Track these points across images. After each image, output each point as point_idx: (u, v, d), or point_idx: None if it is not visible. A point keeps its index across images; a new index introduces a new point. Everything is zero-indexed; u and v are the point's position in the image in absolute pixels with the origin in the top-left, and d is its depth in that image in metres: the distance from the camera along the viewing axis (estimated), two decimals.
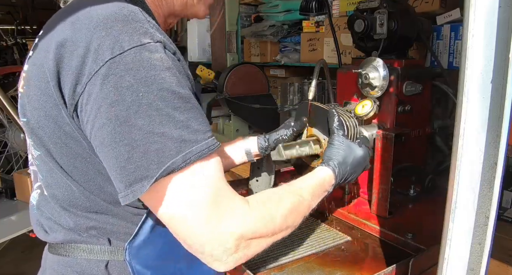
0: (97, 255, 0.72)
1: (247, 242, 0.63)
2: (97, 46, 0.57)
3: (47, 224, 0.76)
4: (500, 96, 0.53)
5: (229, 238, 0.61)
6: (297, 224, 0.75)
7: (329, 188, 0.86)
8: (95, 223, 0.71)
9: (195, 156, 0.59)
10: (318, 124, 1.03)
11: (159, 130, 0.57)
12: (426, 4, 1.56)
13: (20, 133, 2.91)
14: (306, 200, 0.77)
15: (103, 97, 0.57)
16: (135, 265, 0.71)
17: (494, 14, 0.53)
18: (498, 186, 0.55)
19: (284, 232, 0.72)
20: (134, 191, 0.58)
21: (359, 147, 0.92)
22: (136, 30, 0.59)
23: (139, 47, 0.58)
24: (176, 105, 0.59)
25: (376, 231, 1.08)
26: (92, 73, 0.57)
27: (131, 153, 0.57)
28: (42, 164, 0.72)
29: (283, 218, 0.70)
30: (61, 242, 0.74)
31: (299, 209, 0.75)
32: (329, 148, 0.92)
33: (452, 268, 0.62)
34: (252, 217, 0.65)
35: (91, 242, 0.72)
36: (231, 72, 2.33)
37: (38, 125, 0.67)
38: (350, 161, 0.89)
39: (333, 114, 0.95)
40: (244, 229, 0.63)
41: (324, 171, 0.86)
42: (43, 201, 0.77)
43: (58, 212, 0.73)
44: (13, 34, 4.42)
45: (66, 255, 0.73)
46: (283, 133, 1.11)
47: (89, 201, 0.70)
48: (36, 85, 0.65)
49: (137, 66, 0.57)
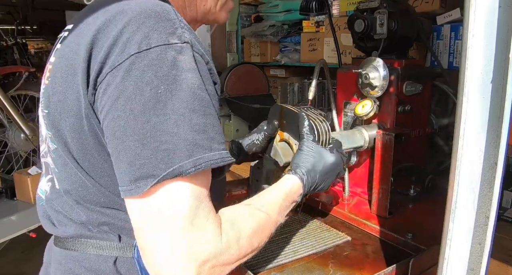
0: (107, 251, 0.72)
1: (210, 270, 0.59)
2: (126, 39, 0.58)
3: (56, 218, 0.76)
4: (500, 96, 0.53)
5: (192, 263, 0.57)
6: (263, 244, 0.71)
7: (297, 198, 0.81)
8: (108, 218, 0.71)
9: (206, 164, 0.57)
10: (290, 128, 0.99)
11: (172, 130, 0.56)
12: (426, 4, 1.56)
13: (20, 133, 2.91)
14: (273, 217, 0.73)
15: (122, 89, 0.57)
16: (142, 262, 0.71)
17: (494, 14, 0.53)
18: (498, 186, 0.55)
19: (248, 256, 0.68)
20: (139, 187, 0.57)
21: (331, 153, 0.87)
22: (166, 29, 0.59)
23: (166, 46, 0.58)
24: (195, 107, 0.58)
25: (376, 231, 1.08)
26: (115, 64, 0.58)
27: (140, 149, 0.56)
28: (57, 157, 0.72)
29: (250, 243, 0.66)
30: (70, 237, 0.74)
31: (266, 228, 0.71)
32: (297, 154, 0.87)
33: (452, 268, 0.62)
34: (221, 245, 0.61)
35: (101, 237, 0.72)
36: (231, 72, 2.33)
37: (60, 117, 0.67)
38: (320, 168, 0.84)
39: (303, 117, 0.90)
40: (210, 256, 0.59)
41: (291, 180, 0.81)
42: (54, 194, 0.76)
43: (71, 206, 0.73)
44: (13, 34, 4.42)
45: (74, 250, 0.73)
46: (255, 138, 1.08)
47: (104, 196, 0.70)
48: (63, 77, 0.65)
49: (160, 63, 0.57)
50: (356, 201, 1.24)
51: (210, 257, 0.59)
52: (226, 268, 0.63)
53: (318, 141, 0.89)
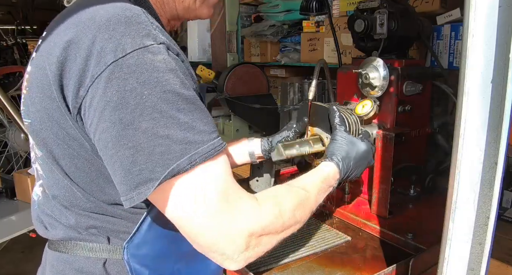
0: (96, 253, 0.72)
1: (257, 240, 0.63)
2: (100, 49, 0.57)
3: (47, 221, 0.76)
4: (500, 96, 0.53)
5: (239, 236, 0.61)
6: (305, 219, 0.75)
7: (334, 183, 0.86)
8: (96, 222, 0.71)
9: (201, 158, 0.58)
10: (319, 123, 1.04)
11: (163, 133, 0.57)
12: (426, 4, 1.56)
13: (20, 133, 2.91)
14: (313, 195, 0.78)
15: (106, 100, 0.57)
16: (133, 264, 0.71)
17: (494, 14, 0.53)
18: (498, 186, 0.55)
19: (293, 228, 0.72)
20: (140, 193, 0.57)
21: (362, 141, 0.93)
22: (138, 32, 0.59)
23: (142, 50, 0.58)
24: (180, 106, 0.58)
25: (376, 231, 1.08)
26: (95, 76, 0.57)
27: (135, 156, 0.57)
28: (44, 164, 0.72)
29: (292, 214, 0.70)
30: (60, 239, 0.74)
31: (306, 204, 0.75)
32: (331, 144, 0.92)
33: (452, 268, 0.62)
34: (262, 214, 0.65)
35: (90, 240, 0.72)
36: (231, 72, 2.32)
37: (41, 126, 0.66)
38: (354, 155, 0.89)
39: (334, 111, 0.95)
40: (254, 226, 0.63)
41: (328, 166, 0.86)
42: (44, 199, 0.77)
43: (59, 210, 0.74)
44: (13, 34, 4.42)
45: (65, 252, 0.74)
46: (286, 135, 1.11)
47: (90, 202, 0.70)
48: (39, 87, 0.64)
49: (140, 68, 0.57)
50: (356, 201, 1.24)
51: (254, 228, 0.63)
52: (273, 238, 0.68)
53: (349, 132, 0.95)
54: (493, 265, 1.10)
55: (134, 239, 0.71)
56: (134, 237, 0.71)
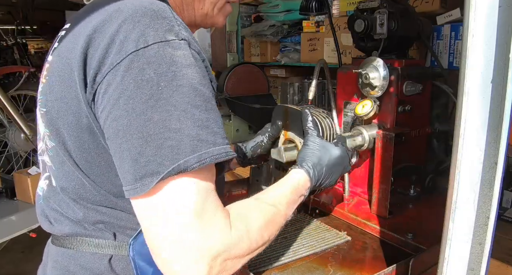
0: (102, 249, 0.72)
1: (222, 265, 0.59)
2: (123, 38, 0.58)
3: (53, 216, 0.76)
4: (500, 96, 0.53)
5: (204, 258, 0.57)
6: (273, 238, 0.71)
7: (305, 192, 0.81)
8: (104, 217, 0.71)
9: (210, 159, 0.57)
10: (293, 126, 1.00)
11: (175, 126, 0.56)
12: (426, 4, 1.56)
13: (20, 133, 2.91)
14: (282, 210, 0.74)
15: (122, 88, 0.57)
16: (138, 261, 0.71)
17: (494, 14, 0.53)
18: (498, 186, 0.55)
19: (259, 249, 0.68)
20: (144, 185, 0.56)
21: (336, 146, 0.88)
22: (162, 26, 0.59)
23: (163, 43, 0.58)
24: (196, 102, 0.58)
25: (376, 231, 1.08)
26: (114, 64, 0.58)
27: (144, 146, 0.56)
28: (55, 155, 0.72)
29: (260, 236, 0.67)
30: (66, 235, 0.74)
31: (275, 222, 0.72)
32: (302, 149, 0.87)
33: (452, 268, 0.62)
34: (231, 238, 0.60)
35: (96, 236, 0.72)
36: (231, 72, 2.32)
37: (57, 115, 0.67)
38: (326, 161, 0.85)
39: (306, 114, 0.92)
40: (221, 250, 0.59)
41: (298, 174, 0.82)
42: (51, 192, 0.76)
43: (67, 204, 0.73)
44: (13, 34, 4.42)
45: (70, 248, 0.73)
46: (260, 140, 1.09)
47: (99, 195, 0.70)
48: (60, 76, 0.65)
49: (159, 60, 0.57)
50: (356, 201, 1.24)
51: (221, 251, 0.58)
52: (238, 261, 0.63)
53: (322, 136, 0.91)
54: (493, 265, 1.10)
55: (140, 235, 0.71)
56: (140, 233, 0.71)
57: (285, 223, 0.75)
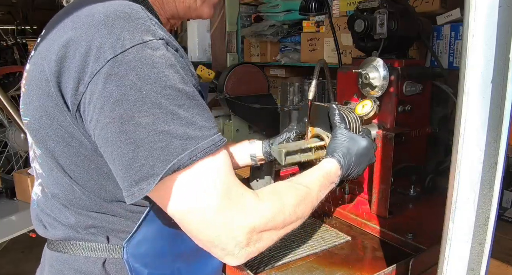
0: (95, 252, 0.72)
1: (258, 235, 0.63)
2: (99, 44, 0.57)
3: (47, 220, 0.76)
4: (500, 96, 0.53)
5: (240, 231, 0.61)
6: (306, 215, 0.75)
7: (336, 180, 0.86)
8: (95, 221, 0.71)
9: (202, 153, 0.58)
10: (320, 122, 1.03)
11: (163, 128, 0.57)
12: (426, 4, 1.56)
13: (20, 133, 2.91)
14: (314, 191, 0.78)
15: (106, 96, 0.57)
16: (132, 263, 0.71)
17: (494, 14, 0.53)
18: (498, 186, 0.55)
19: (294, 224, 0.72)
20: (141, 189, 0.57)
21: (362, 138, 0.93)
22: (137, 28, 0.59)
23: (141, 45, 0.58)
24: (180, 102, 0.58)
25: (376, 231, 1.08)
26: (94, 72, 0.57)
27: (136, 151, 0.57)
28: (43, 163, 0.72)
29: (293, 209, 0.70)
30: (59, 239, 0.74)
31: (308, 200, 0.75)
32: (332, 141, 0.92)
33: (452, 268, 0.62)
34: (263, 210, 0.65)
35: (89, 239, 0.72)
36: (231, 72, 2.32)
37: (39, 124, 0.66)
38: (355, 152, 0.89)
39: (333, 109, 0.96)
40: (255, 222, 0.63)
41: (329, 162, 0.86)
42: (44, 198, 0.77)
43: (59, 209, 0.73)
44: (13, 34, 4.42)
45: (64, 252, 0.74)
46: (286, 137, 1.11)
47: (89, 200, 0.70)
48: (37, 85, 0.64)
49: (140, 64, 0.57)
50: (356, 201, 1.24)
51: (255, 223, 0.63)
52: (274, 234, 0.68)
53: (349, 129, 0.95)
54: (493, 265, 1.10)
55: (133, 238, 0.71)
56: (134, 236, 0.71)
57: (317, 205, 0.79)
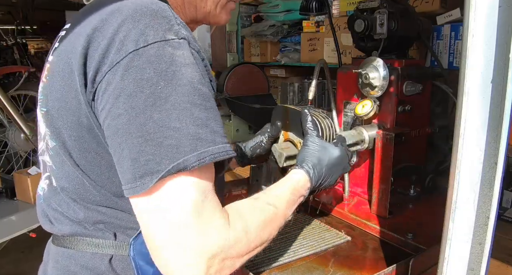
0: (102, 249, 0.72)
1: (220, 264, 0.59)
2: (123, 37, 0.58)
3: (53, 215, 0.76)
4: (500, 96, 0.53)
5: (202, 257, 0.56)
6: (272, 237, 0.71)
7: (305, 193, 0.81)
8: (104, 217, 0.71)
9: (210, 157, 0.57)
10: (293, 127, 1.00)
11: (175, 125, 0.56)
12: (426, 4, 1.56)
13: (20, 133, 2.91)
14: (281, 210, 0.73)
15: (122, 87, 0.57)
16: (138, 260, 0.71)
17: (494, 14, 0.53)
18: (498, 186, 0.55)
19: (258, 249, 0.68)
20: (143, 184, 0.56)
21: (335, 146, 0.88)
22: (162, 26, 0.60)
23: (163, 42, 0.58)
24: (196, 101, 0.58)
25: (376, 231, 1.08)
26: (114, 63, 0.58)
27: (144, 145, 0.56)
28: (55, 155, 0.72)
29: (259, 235, 0.66)
30: (66, 235, 0.74)
31: (274, 222, 0.71)
32: (302, 150, 0.87)
33: (452, 268, 0.62)
34: (230, 237, 0.60)
35: (96, 235, 0.72)
36: (231, 72, 2.32)
37: (57, 115, 0.67)
38: (326, 161, 0.85)
39: (305, 114, 0.91)
40: (220, 249, 0.58)
41: (298, 174, 0.82)
42: (51, 192, 0.76)
43: (67, 204, 0.73)
44: (13, 34, 4.42)
45: (71, 248, 0.73)
46: (259, 140, 1.09)
47: (100, 195, 0.70)
48: (60, 76, 0.65)
49: (159, 60, 0.58)
50: (356, 201, 1.24)
51: (219, 250, 0.58)
52: (237, 261, 0.62)
53: (322, 136, 0.91)
54: (493, 265, 1.10)
55: (140, 235, 0.70)
56: (141, 233, 0.71)
57: (285, 223, 0.75)
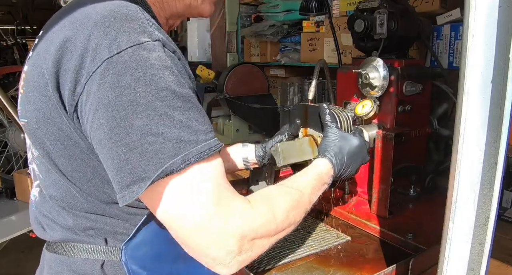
0: (93, 254, 0.72)
1: (250, 243, 0.61)
2: (95, 45, 0.57)
3: (45, 222, 0.76)
4: (500, 96, 0.53)
5: (231, 239, 0.59)
6: (299, 220, 0.74)
7: (328, 180, 0.84)
8: (93, 223, 0.71)
9: (195, 158, 0.57)
10: (312, 123, 1.02)
11: (157, 131, 0.56)
12: (426, 4, 1.56)
13: (20, 133, 2.91)
14: (306, 194, 0.76)
15: (100, 96, 0.56)
16: (131, 265, 0.71)
17: (494, 14, 0.53)
18: (498, 186, 0.55)
19: (287, 230, 0.70)
20: (131, 192, 0.57)
21: (354, 136, 0.91)
22: (134, 29, 0.58)
23: (137, 46, 0.57)
24: (175, 104, 0.58)
25: (376, 231, 1.08)
26: (90, 73, 0.57)
27: (128, 154, 0.56)
28: (41, 164, 0.72)
29: (285, 216, 0.69)
30: (58, 241, 0.74)
31: (300, 205, 0.74)
32: (323, 141, 0.90)
33: (452, 268, 0.62)
34: (254, 217, 0.63)
35: (87, 241, 0.72)
36: (231, 72, 2.32)
37: (37, 126, 0.66)
38: (347, 150, 0.88)
39: (324, 108, 0.94)
40: (247, 229, 0.61)
41: (321, 162, 0.85)
42: (42, 199, 0.77)
43: (57, 211, 0.73)
44: (13, 34, 4.42)
45: (63, 254, 0.73)
46: (279, 139, 1.10)
47: (87, 202, 0.70)
48: (35, 86, 0.64)
49: (135, 65, 0.56)
50: (356, 201, 1.24)
51: (247, 231, 0.61)
52: (266, 241, 0.65)
53: (340, 128, 0.93)
54: (493, 265, 1.10)
55: (132, 240, 0.71)
56: (132, 238, 0.71)
57: (310, 209, 0.78)
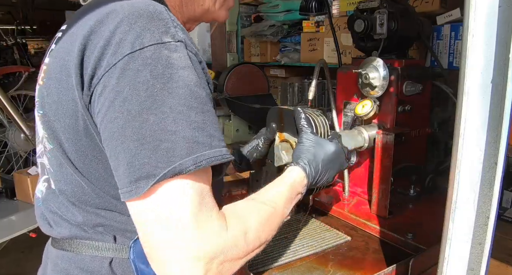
0: (102, 252, 0.71)
1: (219, 267, 0.58)
2: (119, 40, 0.58)
3: (52, 218, 0.76)
4: (500, 96, 0.53)
5: (200, 259, 0.56)
6: (270, 238, 0.70)
7: (302, 190, 0.80)
8: (103, 220, 0.71)
9: (206, 161, 0.57)
10: (288, 127, 1.00)
11: (171, 128, 0.56)
12: (426, 4, 1.56)
13: (20, 133, 2.91)
14: (279, 208, 0.72)
15: (118, 90, 0.57)
16: (139, 263, 0.70)
17: (494, 14, 0.53)
18: (498, 186, 0.55)
19: (257, 250, 0.67)
20: (139, 187, 0.56)
21: (330, 142, 0.87)
22: (158, 28, 0.59)
23: (159, 45, 0.58)
24: (192, 104, 0.58)
25: (376, 231, 1.08)
26: (110, 65, 0.58)
27: (139, 149, 0.56)
28: (53, 158, 0.72)
29: (257, 237, 0.66)
30: (65, 237, 0.74)
31: (273, 222, 0.70)
32: (297, 147, 0.86)
33: (452, 268, 0.62)
34: (228, 239, 0.59)
35: (96, 238, 0.72)
36: (231, 72, 2.32)
37: (54, 118, 0.67)
38: (322, 157, 0.84)
39: (298, 112, 0.91)
40: (218, 251, 0.58)
41: (294, 171, 0.81)
42: (50, 195, 0.76)
43: (66, 207, 0.73)
44: (13, 34, 4.42)
45: (70, 251, 0.73)
46: (255, 144, 1.09)
47: (99, 197, 0.69)
48: (57, 78, 0.65)
49: (155, 62, 0.57)
50: (356, 201, 1.24)
51: (217, 253, 0.58)
52: (235, 263, 0.62)
53: (316, 133, 0.90)
54: (493, 265, 1.10)
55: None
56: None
57: (283, 222, 0.74)
